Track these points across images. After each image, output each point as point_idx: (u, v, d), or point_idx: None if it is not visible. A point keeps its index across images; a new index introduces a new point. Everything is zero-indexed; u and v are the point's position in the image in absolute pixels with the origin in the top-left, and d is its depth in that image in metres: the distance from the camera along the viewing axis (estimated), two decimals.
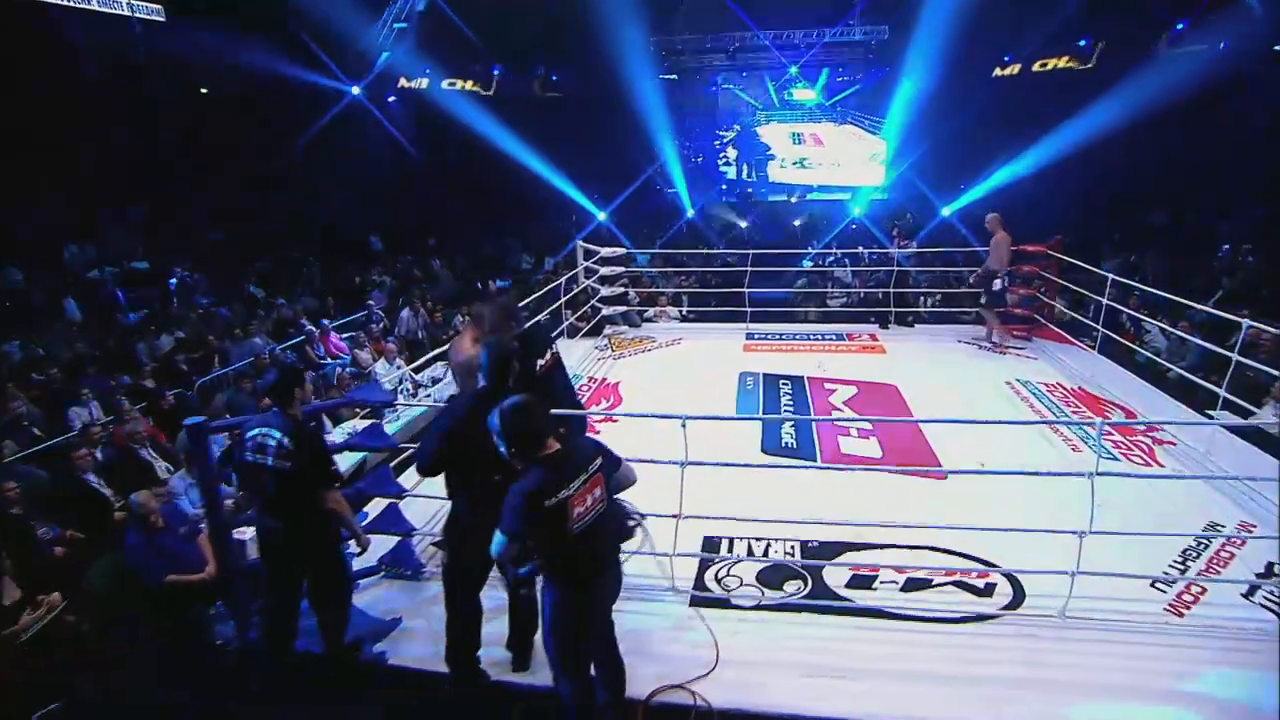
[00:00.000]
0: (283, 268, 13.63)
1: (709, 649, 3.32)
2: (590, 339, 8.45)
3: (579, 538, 2.42)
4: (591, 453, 2.55)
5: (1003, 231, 7.44)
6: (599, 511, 2.49)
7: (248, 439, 3.09)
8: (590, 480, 2.46)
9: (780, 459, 5.23)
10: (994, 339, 7.65)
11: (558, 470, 2.40)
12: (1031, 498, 4.26)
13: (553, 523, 2.36)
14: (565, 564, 2.49)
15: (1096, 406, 5.95)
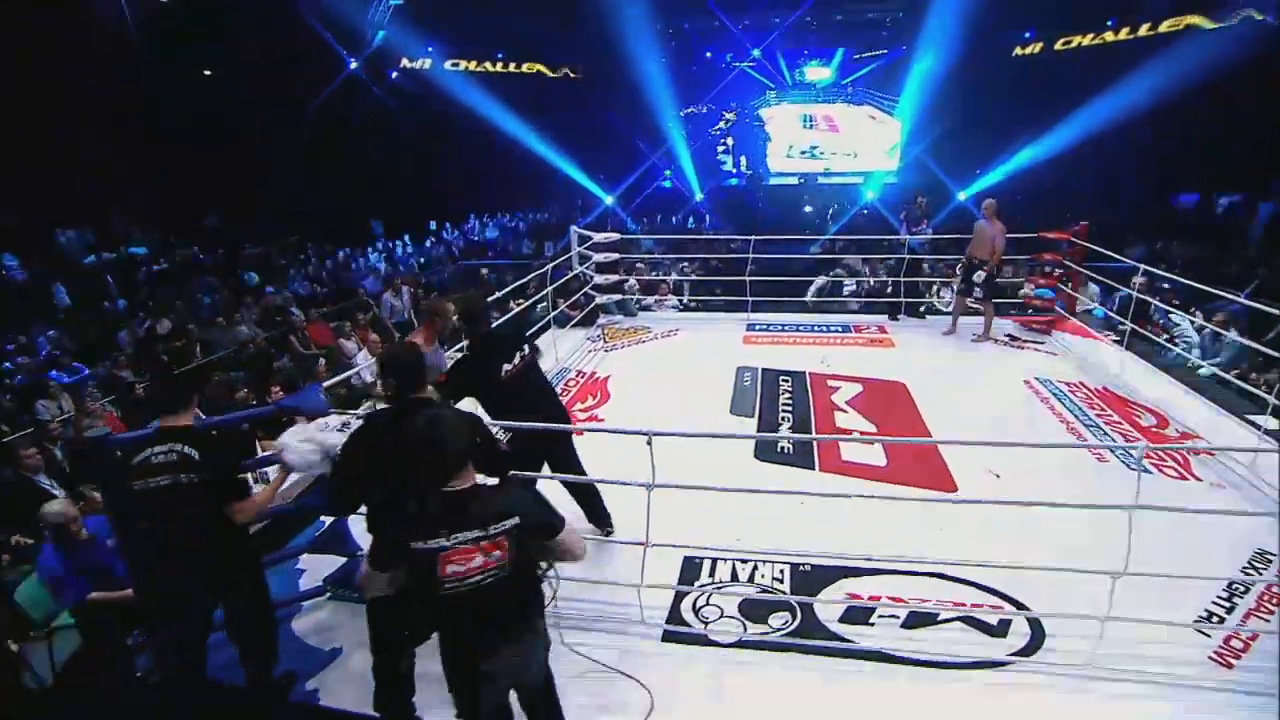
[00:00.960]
0: (281, 252, 13.24)
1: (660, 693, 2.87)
2: (583, 329, 7.96)
3: (450, 601, 1.93)
4: (507, 509, 2.01)
5: (999, 220, 6.78)
6: (492, 578, 1.95)
7: (135, 464, 2.63)
8: (489, 540, 1.94)
9: (775, 466, 4.74)
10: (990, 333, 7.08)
11: (443, 512, 1.93)
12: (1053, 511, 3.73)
13: (419, 573, 1.90)
14: (434, 627, 2.02)
15: (1124, 409, 5.38)
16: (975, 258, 6.85)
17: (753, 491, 3.33)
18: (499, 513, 1.97)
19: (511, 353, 3.49)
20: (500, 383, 3.42)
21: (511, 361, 3.45)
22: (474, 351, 3.56)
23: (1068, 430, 5.08)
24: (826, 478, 4.57)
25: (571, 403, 5.98)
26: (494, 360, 3.45)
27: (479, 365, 3.47)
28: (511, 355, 3.47)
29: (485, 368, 3.42)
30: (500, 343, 3.59)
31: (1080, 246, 6.84)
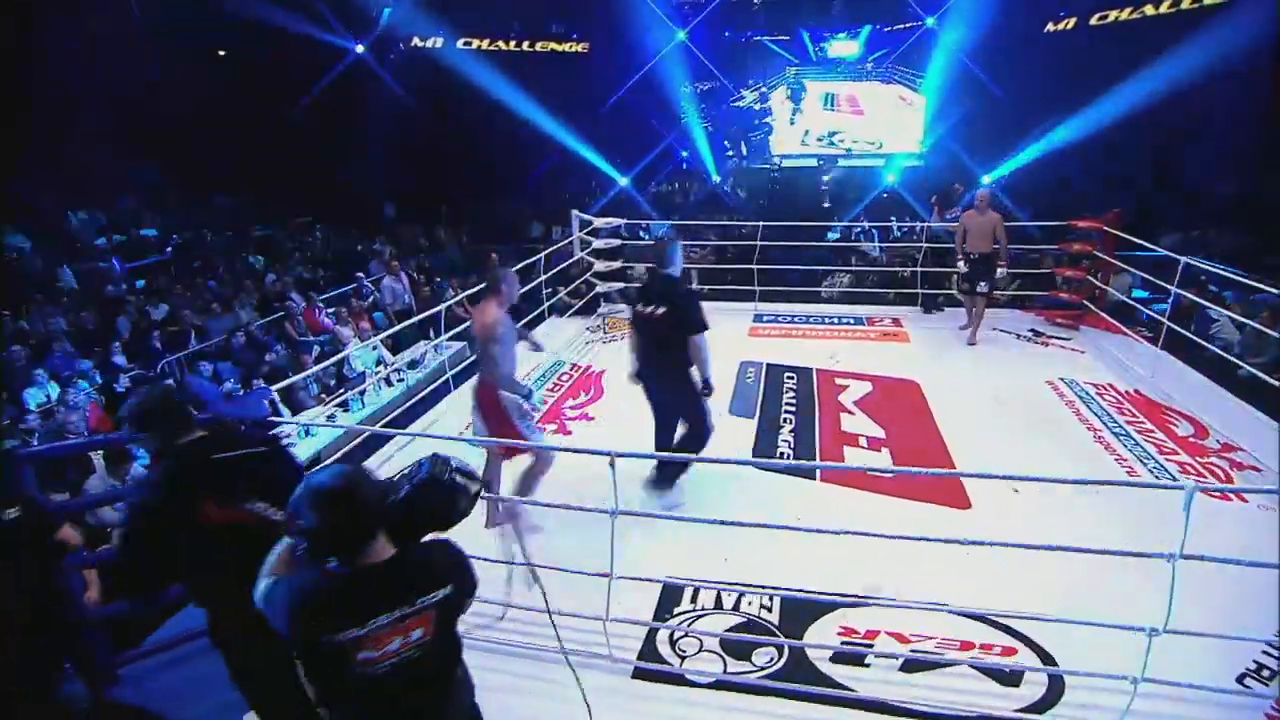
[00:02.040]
0: (288, 235, 13.00)
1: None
2: (582, 318, 7.59)
3: (368, 683, 1.55)
4: (438, 577, 1.62)
5: (993, 210, 6.21)
6: (417, 651, 1.58)
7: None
8: (414, 617, 1.56)
9: (772, 475, 4.34)
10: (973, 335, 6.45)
11: (360, 594, 1.54)
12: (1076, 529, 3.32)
13: (328, 659, 1.54)
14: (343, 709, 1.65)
15: (1157, 416, 4.89)
16: (975, 251, 6.18)
17: (732, 524, 2.92)
18: (427, 583, 1.60)
19: (650, 301, 3.79)
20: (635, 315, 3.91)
21: (646, 308, 3.78)
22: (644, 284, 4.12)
23: (1095, 439, 4.62)
24: (827, 489, 4.17)
25: (563, 399, 5.65)
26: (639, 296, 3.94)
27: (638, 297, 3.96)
28: (649, 304, 3.78)
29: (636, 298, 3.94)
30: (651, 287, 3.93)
31: (1112, 236, 6.28)
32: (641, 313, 3.80)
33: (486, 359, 3.46)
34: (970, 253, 6.21)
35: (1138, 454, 4.38)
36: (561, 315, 7.56)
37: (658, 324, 3.75)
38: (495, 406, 3.42)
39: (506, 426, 3.42)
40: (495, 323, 3.34)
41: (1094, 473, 4.20)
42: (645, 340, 3.90)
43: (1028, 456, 4.38)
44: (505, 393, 3.42)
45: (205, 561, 2.01)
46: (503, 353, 3.39)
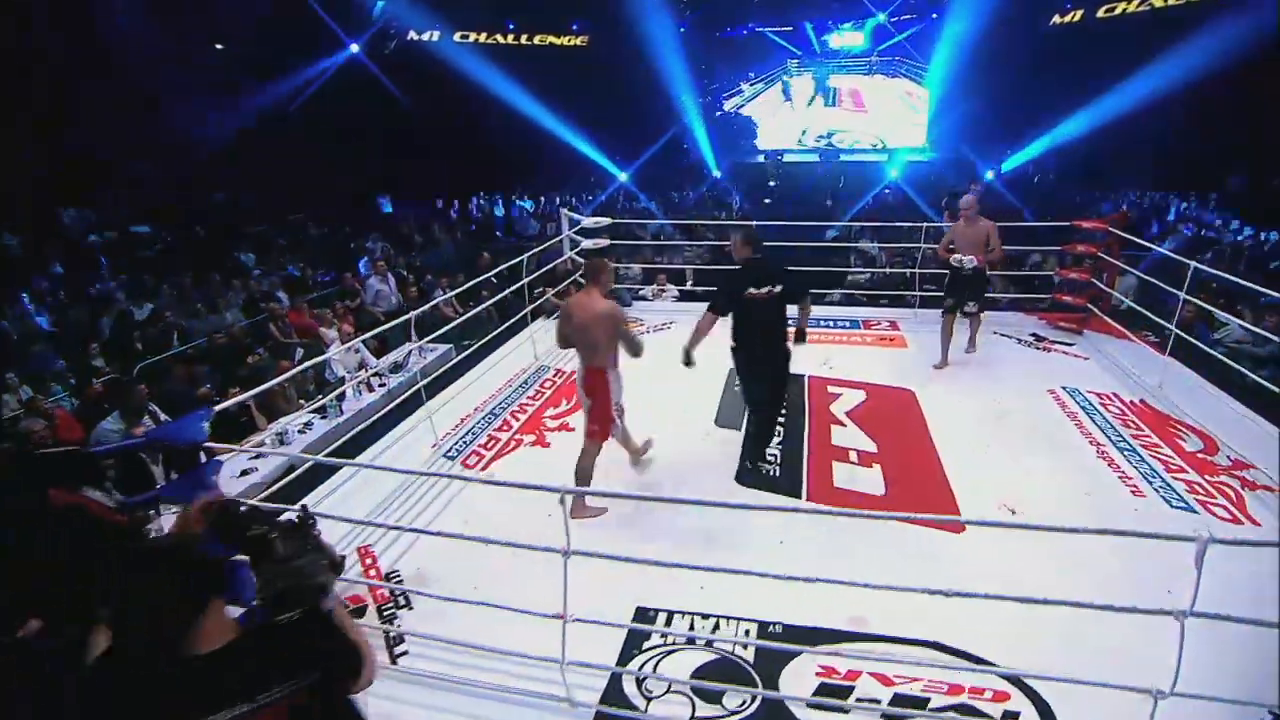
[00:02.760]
0: (283, 232, 12.77)
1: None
2: None
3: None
4: (298, 662, 1.31)
5: (983, 218, 5.52)
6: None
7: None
8: (256, 714, 1.23)
9: (756, 492, 4.10)
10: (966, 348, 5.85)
11: (178, 693, 1.22)
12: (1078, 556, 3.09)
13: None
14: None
15: (1163, 429, 4.62)
16: (966, 266, 5.43)
17: (710, 568, 2.66)
18: (278, 671, 1.27)
19: (762, 283, 3.86)
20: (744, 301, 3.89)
21: (760, 289, 3.85)
22: (736, 268, 4.07)
23: (1098, 454, 4.35)
24: (814, 508, 3.92)
25: (544, 408, 5.41)
26: (741, 279, 3.94)
27: (734, 279, 4.00)
28: (762, 285, 3.85)
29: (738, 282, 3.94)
30: (761, 269, 3.95)
31: (1117, 237, 5.98)
32: (756, 295, 3.84)
33: (593, 345, 3.70)
34: (959, 267, 5.47)
35: (1143, 471, 4.12)
36: (549, 317, 7.32)
37: (774, 303, 3.90)
38: (604, 388, 3.74)
39: (608, 408, 3.77)
40: (606, 311, 3.59)
41: (1096, 492, 3.94)
42: (757, 321, 3.94)
43: (1027, 473, 4.12)
44: (613, 374, 3.75)
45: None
46: (611, 339, 3.65)
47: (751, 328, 3.97)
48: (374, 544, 3.83)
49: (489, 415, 5.30)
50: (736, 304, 3.92)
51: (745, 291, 3.85)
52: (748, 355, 4.09)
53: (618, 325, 3.62)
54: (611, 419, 3.81)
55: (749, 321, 3.95)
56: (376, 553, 3.74)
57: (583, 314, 3.68)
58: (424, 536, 3.77)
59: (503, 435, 4.99)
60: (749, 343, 4.03)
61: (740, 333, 4.02)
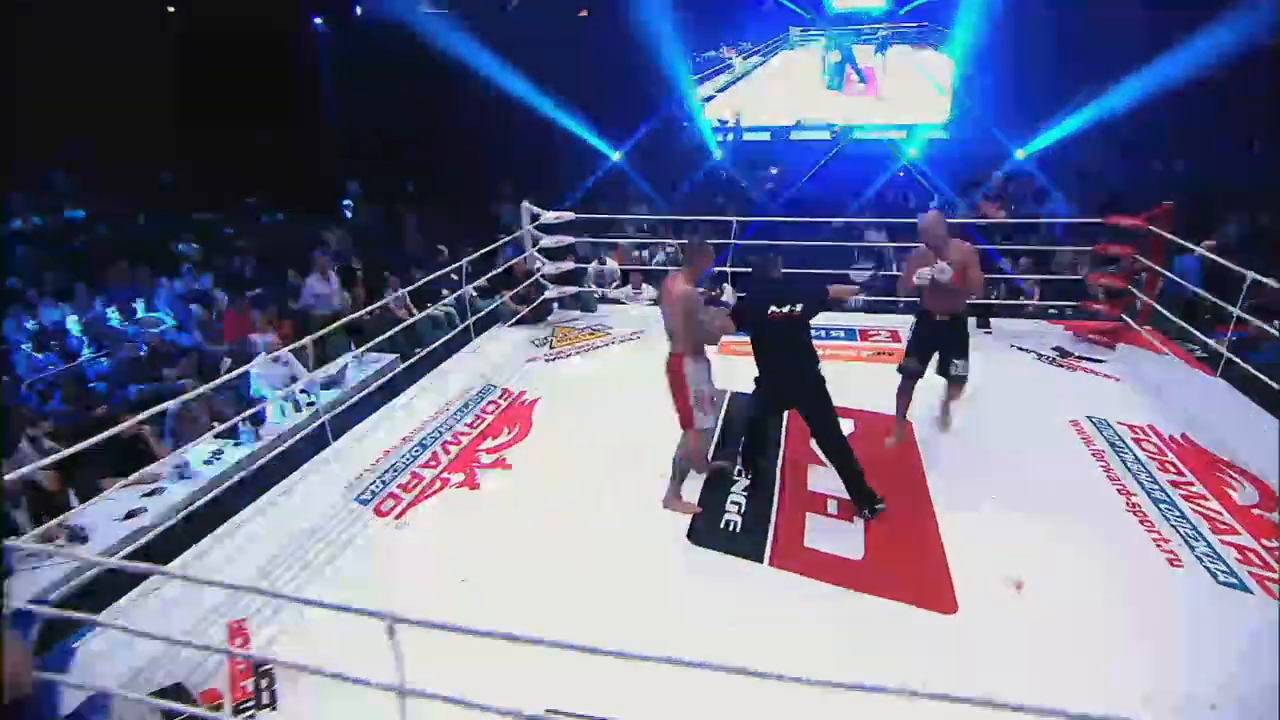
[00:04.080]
0: (236, 219, 12.32)
1: None
2: (529, 328, 6.86)
3: None
4: None
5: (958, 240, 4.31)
6: None
7: None
8: None
9: (712, 553, 3.62)
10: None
11: None
12: (1096, 652, 2.60)
13: None
14: None
15: (1210, 473, 4.09)
16: (939, 311, 4.33)
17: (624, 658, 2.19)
18: None
19: (786, 300, 3.70)
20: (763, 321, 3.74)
21: (781, 307, 3.69)
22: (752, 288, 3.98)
23: (1127, 506, 3.83)
24: (776, 576, 3.43)
25: (481, 438, 4.93)
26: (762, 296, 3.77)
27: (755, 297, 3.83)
28: (786, 302, 3.70)
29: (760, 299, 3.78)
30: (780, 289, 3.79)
31: (1160, 238, 5.40)
32: (778, 313, 3.69)
33: (670, 329, 3.69)
34: (931, 312, 4.37)
35: (1184, 532, 3.59)
36: (505, 323, 6.85)
37: (798, 320, 3.73)
38: (680, 376, 3.67)
39: (686, 398, 3.69)
40: (680, 295, 3.55)
41: (1123, 560, 3.43)
42: (783, 341, 3.79)
43: (1039, 534, 3.61)
44: (691, 362, 3.65)
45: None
46: (686, 325, 3.60)
47: (776, 351, 3.84)
48: (256, 613, 3.38)
49: (418, 446, 4.84)
50: (762, 326, 3.76)
51: (767, 310, 3.70)
52: (777, 386, 3.95)
53: (690, 310, 3.58)
54: (691, 409, 3.71)
55: (772, 344, 3.83)
56: (251, 630, 3.29)
57: (665, 297, 3.73)
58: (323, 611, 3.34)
59: (428, 473, 4.52)
60: (776, 370, 3.89)
61: (760, 360, 3.91)
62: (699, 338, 3.69)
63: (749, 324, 3.78)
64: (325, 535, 3.92)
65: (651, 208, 13.86)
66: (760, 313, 3.72)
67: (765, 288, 3.82)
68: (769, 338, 3.78)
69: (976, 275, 4.25)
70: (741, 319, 3.80)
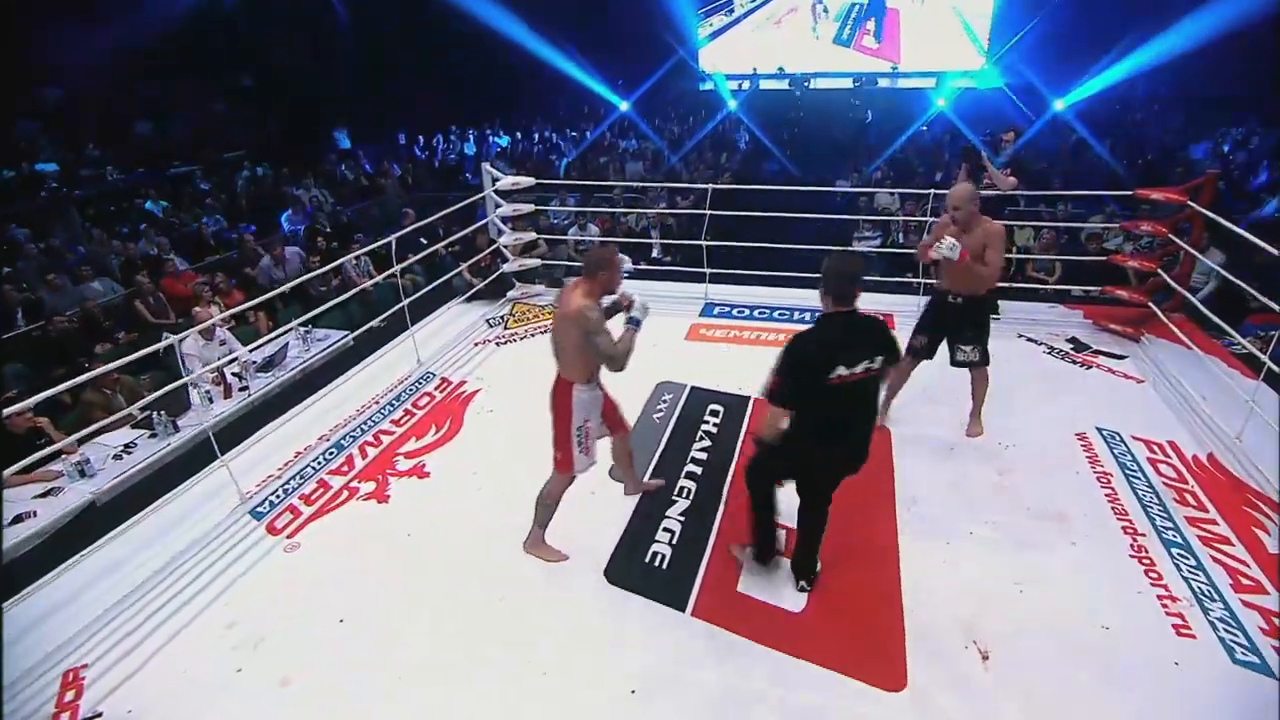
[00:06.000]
0: (207, 174, 11.83)
1: None
2: (487, 303, 6.32)
3: None
4: None
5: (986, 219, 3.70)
6: None
7: None
8: None
9: (627, 595, 3.13)
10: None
11: None
12: None
13: None
14: None
15: (1237, 509, 3.46)
16: (956, 292, 3.80)
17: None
18: None
19: (862, 355, 2.57)
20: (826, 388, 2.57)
21: (854, 366, 2.56)
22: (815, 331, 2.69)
23: (1130, 548, 3.24)
24: (697, 630, 2.93)
25: (404, 438, 4.46)
26: (828, 347, 2.58)
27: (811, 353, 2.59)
28: (857, 360, 2.56)
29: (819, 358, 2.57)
30: (854, 334, 2.63)
31: (1200, 215, 4.64)
32: (849, 376, 2.55)
33: (558, 350, 3.08)
34: (949, 293, 3.86)
35: (1198, 587, 3.00)
36: (462, 296, 6.32)
37: (878, 375, 2.67)
38: (565, 406, 3.10)
39: (568, 432, 3.12)
40: (574, 311, 2.91)
41: (1119, 624, 2.86)
42: (855, 403, 2.68)
43: (1020, 582, 3.05)
44: (583, 391, 3.08)
45: None
46: (577, 346, 2.96)
47: (840, 415, 2.68)
48: (100, 659, 2.99)
49: (334, 447, 4.38)
50: (815, 391, 2.58)
51: (832, 373, 2.54)
52: (833, 454, 2.79)
53: (585, 330, 2.89)
54: (573, 447, 3.13)
55: (836, 408, 2.64)
56: (88, 680, 2.89)
57: (558, 310, 3.05)
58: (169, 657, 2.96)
59: (336, 481, 4.07)
60: (837, 436, 2.73)
61: (815, 428, 2.69)
62: (596, 362, 3.02)
63: (802, 393, 2.59)
64: (202, 558, 3.50)
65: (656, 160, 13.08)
66: (820, 376, 2.52)
67: (831, 331, 2.62)
68: (834, 403, 2.61)
69: (995, 260, 3.61)
70: (793, 391, 2.58)
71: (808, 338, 2.62)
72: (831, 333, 2.61)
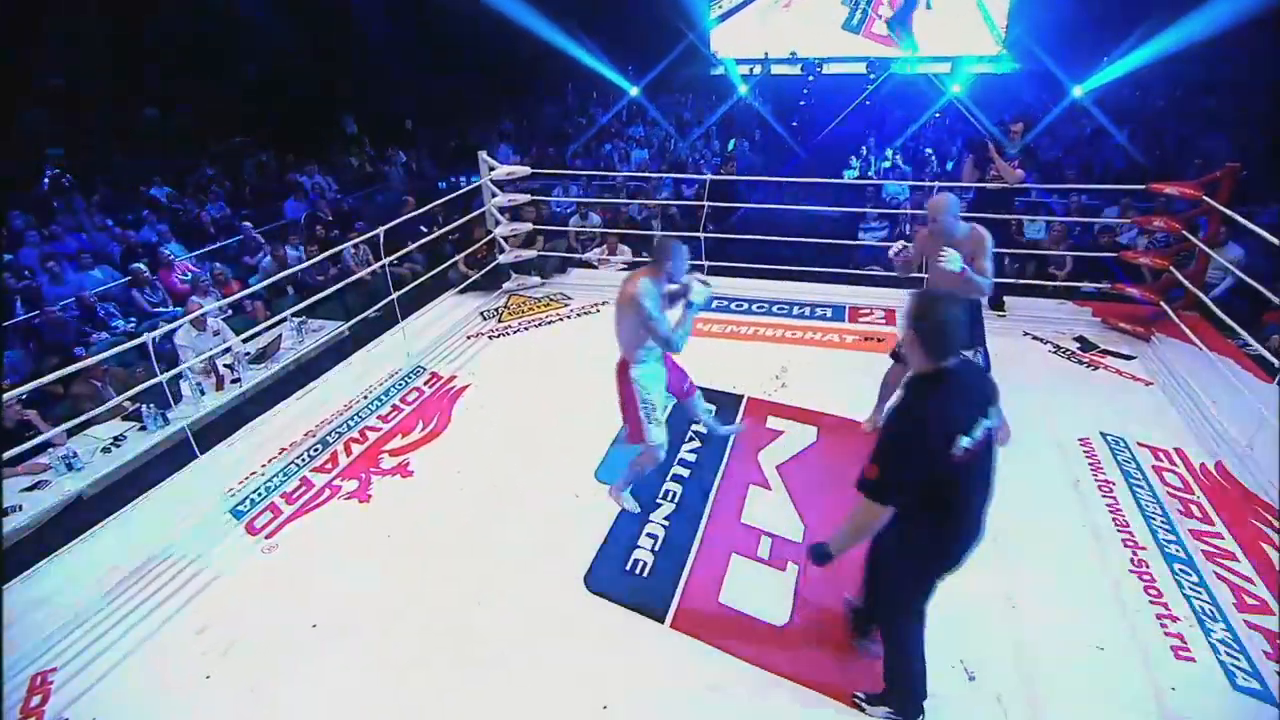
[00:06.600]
0: (214, 160, 11.76)
1: None
2: (482, 295, 6.22)
3: None
4: None
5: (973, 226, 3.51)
6: None
7: None
8: None
9: (609, 606, 3.03)
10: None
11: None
12: None
13: None
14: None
15: (1244, 523, 3.30)
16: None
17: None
18: None
19: (975, 420, 2.03)
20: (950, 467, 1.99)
21: (974, 433, 2.01)
22: (919, 398, 2.06)
23: (1131, 565, 3.09)
24: (675, 643, 2.84)
25: (390, 435, 4.38)
26: (947, 419, 1.99)
27: (927, 428, 1.99)
28: (975, 425, 2.02)
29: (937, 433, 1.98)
30: (966, 392, 2.07)
31: (1217, 211, 4.43)
32: (974, 448, 2.01)
33: (617, 330, 3.23)
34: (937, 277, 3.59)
35: (1200, 607, 2.86)
36: (457, 288, 6.21)
37: (991, 446, 2.14)
38: (626, 384, 3.28)
39: (629, 409, 3.32)
40: (628, 294, 3.07)
41: (1116, 642, 2.73)
42: (972, 482, 2.13)
43: (1011, 596, 2.93)
44: (641, 369, 3.25)
45: None
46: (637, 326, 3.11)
47: (966, 495, 2.15)
48: (69, 663, 2.94)
49: (319, 444, 4.31)
50: (936, 476, 2.03)
51: (955, 448, 1.97)
52: (964, 547, 2.27)
53: (637, 312, 3.05)
54: (643, 421, 3.28)
55: (962, 485, 2.10)
56: (56, 685, 2.85)
57: (618, 295, 3.19)
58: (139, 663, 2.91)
59: (319, 479, 3.99)
60: (970, 521, 2.21)
61: (938, 521, 2.17)
62: (653, 341, 3.17)
63: (916, 478, 2.02)
64: (179, 559, 3.44)
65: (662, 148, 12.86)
66: (943, 455, 1.96)
67: (945, 396, 2.02)
68: (957, 484, 2.08)
69: (986, 268, 3.38)
70: (909, 481, 2.02)
71: (917, 410, 2.02)
72: (946, 397, 2.02)
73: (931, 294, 2.15)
